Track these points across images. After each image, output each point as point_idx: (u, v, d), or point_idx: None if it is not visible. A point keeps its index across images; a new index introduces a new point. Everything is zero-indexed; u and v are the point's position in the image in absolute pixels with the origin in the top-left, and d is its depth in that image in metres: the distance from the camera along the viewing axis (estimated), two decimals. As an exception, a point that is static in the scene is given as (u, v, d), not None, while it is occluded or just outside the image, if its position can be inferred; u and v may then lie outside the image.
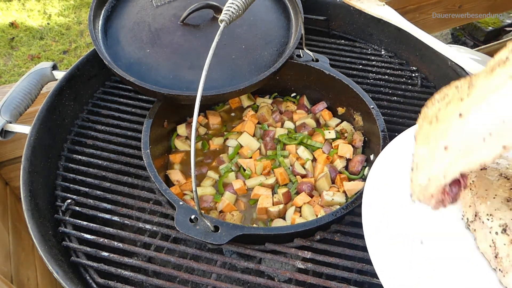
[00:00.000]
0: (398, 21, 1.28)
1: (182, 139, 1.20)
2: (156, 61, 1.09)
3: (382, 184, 0.86)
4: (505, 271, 0.72)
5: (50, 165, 1.07)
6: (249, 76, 1.10)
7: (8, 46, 3.31)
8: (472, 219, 0.79)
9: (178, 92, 1.03)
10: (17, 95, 1.16)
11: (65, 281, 0.83)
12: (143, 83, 1.03)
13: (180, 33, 1.14)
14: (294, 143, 1.17)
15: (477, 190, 0.79)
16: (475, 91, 0.58)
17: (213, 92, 1.04)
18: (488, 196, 0.77)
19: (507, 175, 0.79)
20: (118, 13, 1.18)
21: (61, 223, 0.99)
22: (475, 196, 0.79)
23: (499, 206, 0.75)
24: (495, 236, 0.73)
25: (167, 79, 1.07)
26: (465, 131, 0.57)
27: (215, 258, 0.89)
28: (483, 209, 0.76)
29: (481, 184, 0.79)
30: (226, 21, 0.85)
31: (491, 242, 0.74)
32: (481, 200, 0.77)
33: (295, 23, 1.23)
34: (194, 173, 0.75)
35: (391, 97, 1.24)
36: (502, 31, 3.07)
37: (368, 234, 0.78)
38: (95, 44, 1.08)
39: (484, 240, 0.76)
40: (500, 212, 0.74)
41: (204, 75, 0.76)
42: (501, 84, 0.53)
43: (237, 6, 0.86)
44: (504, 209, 0.74)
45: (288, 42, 1.19)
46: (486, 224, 0.75)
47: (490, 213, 0.75)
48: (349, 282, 0.85)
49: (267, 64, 1.13)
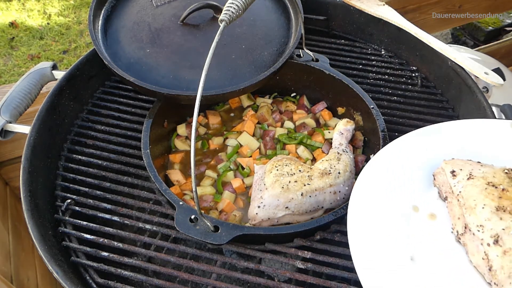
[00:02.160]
0: (398, 21, 1.28)
1: (182, 139, 1.20)
2: (156, 61, 1.09)
3: (368, 200, 0.82)
4: (500, 284, 0.68)
5: (50, 165, 1.07)
6: (249, 76, 1.10)
7: (8, 46, 3.31)
8: (462, 232, 0.76)
9: (178, 92, 1.03)
10: (17, 95, 1.16)
11: (65, 281, 0.83)
12: (143, 83, 1.03)
13: (180, 33, 1.13)
14: (294, 142, 1.17)
15: (465, 201, 0.75)
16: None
17: (213, 92, 1.03)
18: (477, 206, 0.73)
19: (494, 184, 0.75)
20: (118, 13, 1.18)
21: (61, 223, 0.99)
22: (464, 207, 0.75)
23: (489, 216, 0.71)
24: (487, 247, 0.70)
25: (167, 79, 1.07)
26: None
27: (215, 258, 0.89)
28: (473, 220, 0.72)
29: (469, 194, 0.75)
30: (226, 21, 0.85)
31: (484, 254, 0.71)
32: (470, 211, 0.74)
33: (295, 23, 1.22)
34: (194, 174, 0.75)
35: (391, 97, 1.24)
36: (502, 31, 3.07)
37: (355, 254, 0.74)
38: (94, 44, 1.08)
39: (477, 253, 0.73)
40: (491, 222, 0.70)
41: (204, 75, 0.76)
42: None
43: (237, 6, 0.86)
44: (495, 219, 0.70)
45: (288, 42, 1.19)
46: (477, 235, 0.71)
47: (481, 224, 0.71)
48: (349, 282, 0.85)
49: (267, 64, 1.13)
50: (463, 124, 0.94)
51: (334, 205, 0.95)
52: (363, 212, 0.80)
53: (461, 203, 0.77)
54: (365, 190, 0.83)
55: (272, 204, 0.90)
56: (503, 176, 0.76)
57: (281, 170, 0.94)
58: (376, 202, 0.82)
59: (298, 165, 0.96)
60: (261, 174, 0.98)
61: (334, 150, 1.04)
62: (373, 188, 0.84)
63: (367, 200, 0.82)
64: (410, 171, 0.87)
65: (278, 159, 0.99)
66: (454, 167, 0.81)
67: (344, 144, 1.07)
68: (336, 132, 1.11)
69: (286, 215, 0.92)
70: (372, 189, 0.84)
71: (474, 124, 0.93)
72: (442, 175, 0.83)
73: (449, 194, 0.81)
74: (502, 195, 0.73)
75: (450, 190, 0.80)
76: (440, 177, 0.84)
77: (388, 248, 0.76)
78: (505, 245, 0.68)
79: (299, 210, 0.91)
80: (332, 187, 0.93)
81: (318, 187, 0.92)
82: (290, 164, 0.96)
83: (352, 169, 1.01)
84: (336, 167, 0.96)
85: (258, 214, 0.91)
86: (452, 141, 0.91)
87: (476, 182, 0.77)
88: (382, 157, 0.89)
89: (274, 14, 1.24)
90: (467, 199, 0.75)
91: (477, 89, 1.14)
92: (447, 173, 0.81)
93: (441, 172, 0.84)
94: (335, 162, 0.97)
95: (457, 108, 1.21)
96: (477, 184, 0.76)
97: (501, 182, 0.75)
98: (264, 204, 0.91)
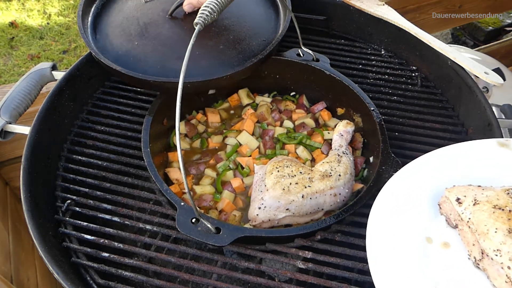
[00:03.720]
0: (398, 21, 1.27)
1: (181, 137, 1.20)
2: (144, 52, 1.11)
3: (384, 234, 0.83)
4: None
5: (50, 166, 1.07)
6: (236, 65, 1.11)
7: (8, 46, 3.30)
8: (480, 257, 0.78)
9: (164, 79, 1.04)
10: (17, 95, 1.15)
11: (65, 282, 0.83)
12: (130, 72, 1.04)
13: (168, 26, 1.16)
14: (293, 142, 1.17)
15: (477, 227, 0.77)
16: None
17: (200, 78, 1.05)
18: (489, 231, 0.75)
19: (500, 206, 0.77)
20: (107, 9, 1.21)
21: (61, 224, 0.99)
22: (476, 233, 0.77)
23: (504, 239, 0.73)
24: (508, 271, 0.72)
25: (155, 69, 1.08)
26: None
27: (215, 259, 0.89)
28: (489, 245, 0.74)
29: (479, 220, 0.77)
30: (201, 23, 0.87)
31: (506, 277, 0.73)
32: (484, 236, 0.76)
33: (283, 16, 1.24)
34: (184, 173, 0.75)
35: (391, 97, 1.24)
36: (502, 31, 3.07)
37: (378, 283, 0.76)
38: (83, 37, 1.10)
39: (498, 277, 0.75)
40: (506, 245, 0.73)
41: (185, 63, 0.78)
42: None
43: (211, 9, 0.88)
44: (510, 242, 0.73)
45: (276, 33, 1.21)
46: (496, 260, 0.73)
47: (497, 248, 0.73)
48: (350, 282, 0.85)
49: (255, 53, 1.14)
50: (454, 148, 0.94)
51: (334, 207, 0.95)
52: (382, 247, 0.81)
53: (472, 230, 0.78)
54: (380, 225, 0.84)
55: (273, 206, 0.90)
56: (506, 197, 0.79)
57: (282, 172, 0.94)
58: (391, 235, 0.83)
59: (299, 167, 0.96)
60: (262, 174, 0.98)
61: (334, 152, 1.04)
62: (387, 221, 0.85)
63: (383, 235, 0.83)
64: (417, 202, 0.88)
65: (279, 160, 0.99)
66: (458, 195, 0.83)
67: (344, 146, 1.07)
68: (336, 133, 1.11)
69: (286, 217, 0.92)
70: (386, 222, 0.84)
71: (463, 147, 0.95)
72: (448, 204, 0.85)
73: (459, 221, 0.83)
74: (510, 216, 0.75)
75: (459, 218, 0.82)
76: (446, 206, 0.85)
77: (411, 282, 0.77)
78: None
79: (299, 212, 0.91)
80: (333, 189, 0.93)
81: (318, 189, 0.92)
82: (291, 165, 0.96)
83: (352, 172, 1.01)
84: (337, 170, 0.96)
85: (258, 215, 0.91)
86: (447, 167, 0.92)
87: (483, 207, 0.78)
88: (388, 192, 0.89)
89: (262, 7, 1.27)
90: (478, 225, 0.77)
91: (477, 89, 1.14)
92: (452, 201, 0.83)
93: (446, 200, 0.85)
94: (335, 164, 0.97)
95: (457, 108, 1.21)
96: (484, 209, 0.78)
97: (506, 203, 0.78)
98: (264, 205, 0.91)
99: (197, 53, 1.10)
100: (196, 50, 1.10)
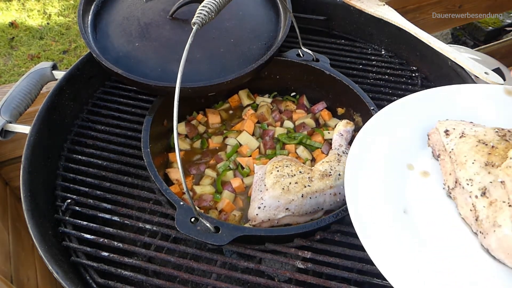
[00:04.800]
0: (398, 21, 1.28)
1: (182, 138, 1.20)
2: (145, 54, 1.11)
3: (365, 158, 0.86)
4: (485, 232, 0.73)
5: (50, 165, 1.07)
6: (237, 69, 1.11)
7: (8, 46, 3.31)
8: (453, 186, 0.80)
9: (165, 84, 1.04)
10: (17, 95, 1.16)
11: (65, 281, 0.83)
12: (131, 75, 1.04)
13: (169, 27, 1.15)
14: (293, 142, 1.17)
15: (457, 157, 0.80)
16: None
17: (201, 84, 1.04)
18: (467, 162, 0.77)
19: (485, 141, 0.80)
20: (108, 8, 1.20)
21: (61, 223, 0.99)
22: (455, 163, 0.79)
23: (478, 170, 0.76)
24: (475, 199, 0.74)
25: (156, 72, 1.08)
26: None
27: (215, 258, 0.89)
28: (463, 174, 0.77)
29: (460, 151, 0.80)
30: (199, 23, 0.86)
31: (472, 206, 0.75)
32: (461, 166, 0.78)
33: (284, 18, 1.24)
34: (182, 172, 0.75)
35: (391, 97, 1.24)
36: (502, 31, 3.07)
37: (352, 208, 0.79)
38: (83, 38, 1.09)
39: (465, 205, 0.77)
40: (479, 176, 0.75)
41: (182, 66, 0.77)
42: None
43: (209, 9, 0.88)
44: (483, 173, 0.75)
45: (277, 37, 1.21)
46: (466, 189, 0.76)
47: (470, 178, 0.76)
48: (349, 282, 0.85)
49: (256, 57, 1.14)
50: (458, 88, 0.97)
51: (334, 206, 0.95)
52: (360, 168, 0.84)
53: (452, 160, 0.81)
54: (363, 148, 0.87)
55: (273, 205, 0.91)
56: (494, 134, 0.81)
57: (281, 171, 0.94)
58: (373, 160, 0.86)
59: (299, 166, 0.96)
60: (261, 174, 0.98)
61: (334, 151, 1.04)
62: (371, 147, 0.88)
63: (364, 157, 0.86)
64: (406, 132, 0.91)
65: (279, 160, 0.99)
66: (447, 127, 0.86)
67: (344, 145, 1.07)
68: (336, 133, 1.11)
69: (286, 216, 0.92)
70: (370, 147, 0.88)
71: (469, 89, 0.97)
72: (436, 135, 0.88)
73: (442, 152, 0.86)
74: (491, 151, 0.77)
75: (443, 148, 0.85)
76: (434, 137, 0.88)
77: (383, 201, 0.81)
78: (491, 197, 0.73)
79: (299, 211, 0.91)
80: (333, 188, 0.93)
81: (318, 189, 0.92)
82: (291, 165, 0.96)
83: None
84: (337, 169, 0.96)
85: (258, 215, 0.91)
86: (447, 104, 0.95)
87: (468, 139, 0.81)
88: (380, 118, 0.92)
89: (263, 9, 1.26)
90: (458, 156, 0.80)
91: (477, 89, 1.14)
92: (441, 132, 0.86)
93: (435, 132, 0.88)
94: (335, 164, 0.97)
95: (457, 108, 1.21)
96: (468, 142, 0.80)
97: (491, 139, 0.80)
98: (264, 205, 0.91)
99: (197, 56, 1.10)
100: (197, 53, 1.10)
